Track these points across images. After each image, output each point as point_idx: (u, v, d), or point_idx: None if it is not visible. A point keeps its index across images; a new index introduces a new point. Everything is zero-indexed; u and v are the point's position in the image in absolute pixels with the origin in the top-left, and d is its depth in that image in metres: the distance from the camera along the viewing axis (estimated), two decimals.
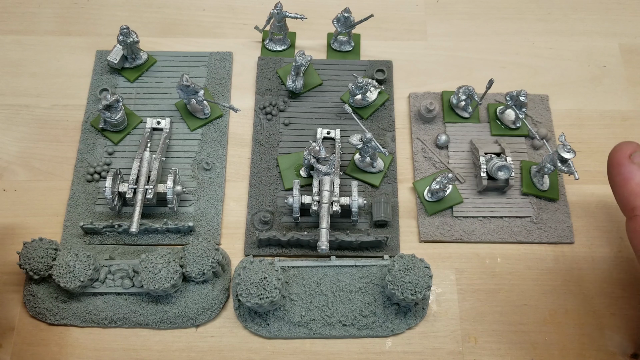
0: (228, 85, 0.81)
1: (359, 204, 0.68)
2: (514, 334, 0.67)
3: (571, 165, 0.67)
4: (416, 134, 0.77)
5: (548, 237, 0.71)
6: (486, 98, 0.79)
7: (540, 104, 0.80)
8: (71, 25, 0.85)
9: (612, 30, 0.86)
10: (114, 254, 0.69)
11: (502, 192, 0.74)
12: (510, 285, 0.69)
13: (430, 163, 0.76)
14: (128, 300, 0.66)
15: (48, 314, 0.66)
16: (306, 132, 0.77)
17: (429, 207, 0.72)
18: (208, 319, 0.66)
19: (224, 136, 0.77)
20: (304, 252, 0.70)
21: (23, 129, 0.77)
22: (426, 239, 0.71)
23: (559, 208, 0.73)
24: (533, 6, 0.88)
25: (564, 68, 0.83)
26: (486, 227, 0.72)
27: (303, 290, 0.66)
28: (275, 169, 0.75)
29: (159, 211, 0.72)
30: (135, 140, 0.76)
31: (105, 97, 0.72)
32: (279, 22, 0.80)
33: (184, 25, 0.85)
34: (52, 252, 0.64)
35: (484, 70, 0.83)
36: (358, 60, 0.83)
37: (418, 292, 0.61)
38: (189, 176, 0.74)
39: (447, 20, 0.87)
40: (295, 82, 0.77)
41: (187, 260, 0.64)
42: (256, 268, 0.62)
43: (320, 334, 0.65)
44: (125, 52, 0.78)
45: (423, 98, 0.80)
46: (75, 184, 0.73)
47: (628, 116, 0.80)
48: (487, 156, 0.72)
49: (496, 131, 0.77)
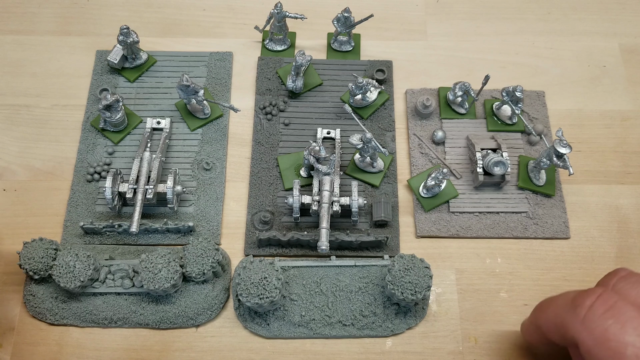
0: (228, 85, 0.81)
1: (359, 204, 0.68)
2: (514, 334, 0.67)
3: (566, 160, 0.68)
4: (413, 130, 0.77)
5: (544, 233, 0.72)
6: (482, 94, 0.79)
7: (537, 100, 0.80)
8: (71, 25, 0.85)
9: (612, 30, 0.86)
10: (114, 254, 0.69)
11: (498, 188, 0.74)
12: (510, 285, 0.69)
13: (426, 159, 0.76)
14: (128, 300, 0.66)
15: (48, 314, 0.66)
16: (306, 132, 0.77)
17: (425, 203, 0.72)
18: (208, 319, 0.66)
19: (224, 136, 0.77)
20: (304, 252, 0.70)
21: (23, 129, 0.77)
22: (422, 234, 0.71)
23: (555, 204, 0.73)
24: (533, 6, 0.88)
25: (563, 68, 0.83)
26: (482, 222, 0.72)
27: (303, 290, 0.66)
28: (275, 169, 0.75)
29: (159, 211, 0.72)
30: (135, 140, 0.76)
31: (105, 97, 0.72)
32: (279, 22, 0.80)
33: (184, 25, 0.85)
34: (52, 252, 0.64)
35: (483, 70, 0.83)
36: (358, 60, 0.83)
37: (418, 292, 0.61)
38: (189, 176, 0.74)
39: (447, 20, 0.87)
40: (295, 82, 0.77)
41: (187, 260, 0.64)
42: (256, 268, 0.62)
43: (320, 334, 0.65)
44: (125, 52, 0.78)
45: (420, 94, 0.80)
46: (75, 184, 0.73)
47: (628, 116, 0.80)
48: (483, 152, 0.72)
49: (492, 127, 0.77)
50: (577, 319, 0.48)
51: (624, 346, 0.44)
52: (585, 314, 0.48)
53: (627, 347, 0.44)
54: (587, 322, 0.47)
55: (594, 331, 0.46)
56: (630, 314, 0.46)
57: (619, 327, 0.45)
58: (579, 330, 0.48)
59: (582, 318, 0.48)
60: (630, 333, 0.45)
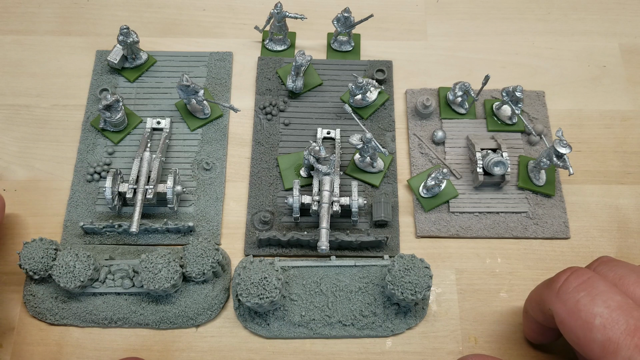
0: (228, 85, 0.81)
1: (359, 204, 0.68)
2: (514, 334, 0.67)
3: (566, 160, 0.68)
4: (412, 130, 0.77)
5: (544, 233, 0.72)
6: (482, 94, 0.79)
7: (537, 100, 0.80)
8: (71, 25, 0.85)
9: (612, 30, 0.86)
10: (114, 254, 0.69)
11: (498, 188, 0.74)
12: (510, 285, 0.69)
13: (426, 159, 0.76)
14: (128, 300, 0.66)
15: (48, 314, 0.66)
16: (306, 132, 0.77)
17: (425, 203, 0.72)
18: (208, 319, 0.66)
19: (224, 136, 0.77)
20: (304, 252, 0.70)
21: (23, 129, 0.77)
22: (422, 234, 0.71)
23: (555, 204, 0.73)
24: (533, 6, 0.88)
25: (563, 68, 0.83)
26: (482, 222, 0.72)
27: (303, 290, 0.66)
28: (275, 169, 0.75)
29: (159, 211, 0.72)
30: (135, 140, 0.76)
31: (105, 97, 0.72)
32: (279, 22, 0.80)
33: (184, 25, 0.85)
34: (52, 252, 0.64)
35: (484, 70, 0.83)
36: (358, 60, 0.83)
37: (418, 292, 0.61)
38: (189, 176, 0.74)
39: (447, 20, 0.87)
40: (295, 82, 0.77)
41: (187, 260, 0.64)
42: (256, 268, 0.62)
43: (320, 334, 0.65)
44: (125, 52, 0.78)
45: (420, 94, 0.80)
46: (75, 184, 0.73)
47: (628, 116, 0.80)
48: (483, 152, 0.72)
49: (492, 127, 0.77)
50: (553, 292, 0.51)
51: (592, 316, 0.47)
52: (559, 287, 0.51)
53: (596, 317, 0.47)
54: (561, 294, 0.51)
55: (567, 302, 0.50)
56: (601, 288, 0.49)
57: (589, 300, 0.48)
58: (553, 302, 0.51)
59: (556, 291, 0.51)
60: (600, 305, 0.48)
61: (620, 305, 0.47)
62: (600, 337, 0.46)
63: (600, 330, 0.46)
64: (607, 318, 0.47)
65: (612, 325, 0.46)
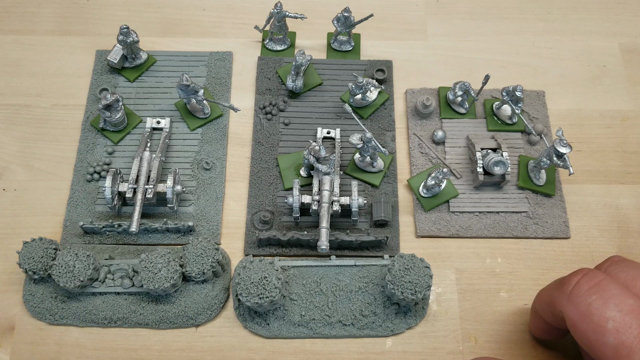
0: (228, 85, 0.80)
1: (359, 204, 0.68)
2: (514, 334, 0.67)
3: (567, 159, 0.68)
4: (412, 130, 0.77)
5: (544, 232, 0.72)
6: (482, 94, 0.79)
7: (537, 100, 0.80)
8: (71, 25, 0.85)
9: (612, 30, 0.86)
10: (114, 254, 0.69)
11: (498, 188, 0.74)
12: (510, 285, 0.69)
13: (426, 159, 0.76)
14: (128, 300, 0.66)
15: (48, 314, 0.65)
16: (306, 132, 0.77)
17: (425, 203, 0.72)
18: (208, 318, 0.66)
19: (224, 136, 0.77)
20: (304, 251, 0.70)
21: (23, 128, 0.77)
22: (423, 234, 0.71)
23: (555, 203, 0.73)
24: (533, 6, 0.88)
25: (563, 68, 0.83)
26: (482, 222, 0.72)
27: (303, 290, 0.66)
28: (275, 169, 0.75)
29: (159, 211, 0.72)
30: (135, 139, 0.76)
31: (105, 96, 0.72)
32: (279, 22, 0.80)
33: (184, 25, 0.85)
34: (52, 251, 0.64)
35: (484, 69, 0.83)
36: (358, 60, 0.83)
37: (418, 291, 0.61)
38: (189, 176, 0.74)
39: (447, 20, 0.87)
40: (295, 81, 0.77)
41: (187, 259, 0.64)
42: (256, 268, 0.62)
43: (320, 334, 0.65)
44: (125, 51, 0.78)
45: (420, 94, 0.80)
46: (75, 183, 0.73)
47: (628, 116, 0.80)
48: (483, 151, 0.72)
49: (492, 127, 0.77)
50: (564, 295, 0.51)
51: (605, 320, 0.47)
52: (571, 290, 0.50)
53: (608, 321, 0.47)
54: (572, 297, 0.50)
55: (579, 306, 0.49)
56: (614, 291, 0.48)
57: (601, 303, 0.48)
58: (565, 305, 0.50)
59: (568, 294, 0.50)
60: (612, 308, 0.47)
61: (633, 309, 0.47)
62: (613, 340, 0.46)
63: (613, 334, 0.46)
64: (619, 322, 0.46)
65: (625, 329, 0.46)
